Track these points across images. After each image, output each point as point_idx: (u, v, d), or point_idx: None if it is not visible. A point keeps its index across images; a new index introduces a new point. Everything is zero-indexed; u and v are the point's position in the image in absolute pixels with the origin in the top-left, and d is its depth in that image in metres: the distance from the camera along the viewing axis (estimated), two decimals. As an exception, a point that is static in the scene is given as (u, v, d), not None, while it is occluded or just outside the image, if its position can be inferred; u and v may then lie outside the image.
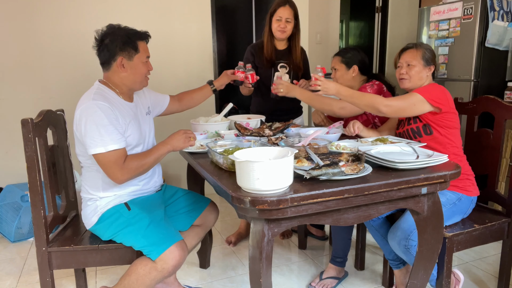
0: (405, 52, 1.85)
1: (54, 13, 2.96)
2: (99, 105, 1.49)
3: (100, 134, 1.46)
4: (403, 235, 1.61)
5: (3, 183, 2.97)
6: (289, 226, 1.25)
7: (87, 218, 1.64)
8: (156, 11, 3.26)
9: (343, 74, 2.16)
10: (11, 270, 2.32)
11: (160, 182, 1.84)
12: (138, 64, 1.61)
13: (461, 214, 1.73)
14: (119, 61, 1.58)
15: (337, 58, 2.18)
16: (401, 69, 1.83)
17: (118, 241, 1.58)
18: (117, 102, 1.60)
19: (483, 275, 2.15)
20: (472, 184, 1.75)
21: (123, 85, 1.63)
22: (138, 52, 1.60)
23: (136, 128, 1.63)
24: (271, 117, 2.38)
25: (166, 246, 1.49)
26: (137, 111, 1.71)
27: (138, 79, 1.63)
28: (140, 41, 1.61)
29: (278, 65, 2.43)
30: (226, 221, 3.00)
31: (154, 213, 1.61)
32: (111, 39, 1.56)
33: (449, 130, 1.72)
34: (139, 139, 1.65)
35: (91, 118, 1.47)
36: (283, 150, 1.26)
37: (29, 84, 2.97)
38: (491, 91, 2.96)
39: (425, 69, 1.80)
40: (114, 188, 1.62)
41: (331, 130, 1.84)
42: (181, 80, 3.43)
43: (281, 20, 2.30)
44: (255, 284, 1.26)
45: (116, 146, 1.48)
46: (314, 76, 1.86)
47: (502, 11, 2.93)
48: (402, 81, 1.84)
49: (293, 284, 2.13)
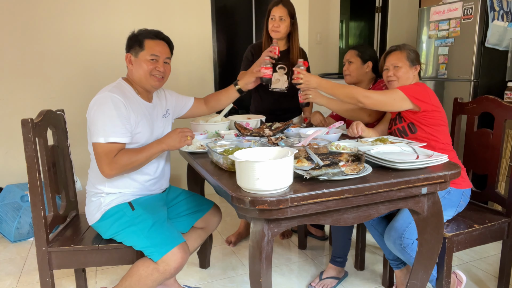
0: (390, 54, 1.89)
1: (54, 13, 2.96)
2: (113, 98, 1.52)
3: (104, 124, 1.48)
4: (397, 234, 1.62)
5: (3, 183, 2.97)
6: (289, 226, 1.24)
7: (90, 214, 1.64)
8: (156, 11, 3.26)
9: (358, 67, 2.17)
10: (11, 270, 2.32)
11: (166, 185, 1.84)
12: (141, 61, 1.63)
13: (453, 207, 1.73)
14: (127, 57, 1.65)
15: (354, 52, 2.19)
16: (389, 71, 1.87)
17: (118, 240, 1.58)
18: (133, 99, 1.63)
19: (483, 275, 2.16)
20: (461, 177, 1.75)
21: (134, 82, 1.67)
22: (143, 50, 1.63)
23: (147, 127, 1.64)
24: (271, 117, 2.38)
25: (169, 247, 1.49)
26: (153, 112, 1.72)
27: (142, 75, 1.64)
28: (148, 39, 1.63)
29: (277, 66, 2.43)
30: (226, 221, 3.00)
31: (158, 214, 1.61)
32: (127, 39, 1.67)
33: (434, 128, 1.74)
34: (149, 139, 1.65)
35: (101, 108, 1.50)
36: (283, 150, 1.26)
37: (29, 84, 2.97)
38: (491, 91, 2.96)
39: (411, 69, 1.84)
40: (119, 183, 1.62)
41: (331, 130, 1.84)
42: (181, 80, 3.43)
43: (274, 19, 2.30)
44: (255, 284, 1.26)
45: (116, 139, 1.49)
46: (296, 70, 1.89)
47: (502, 11, 2.93)
48: (391, 83, 1.87)
49: (293, 284, 2.13)
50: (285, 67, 2.43)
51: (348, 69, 2.20)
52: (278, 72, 2.44)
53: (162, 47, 1.67)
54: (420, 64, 1.89)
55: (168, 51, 1.70)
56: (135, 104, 1.61)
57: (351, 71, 2.18)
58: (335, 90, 1.83)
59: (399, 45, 1.90)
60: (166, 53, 1.68)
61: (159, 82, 1.67)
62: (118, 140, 1.50)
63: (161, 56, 1.65)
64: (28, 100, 2.97)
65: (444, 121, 1.78)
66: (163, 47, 1.67)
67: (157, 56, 1.64)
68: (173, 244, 1.51)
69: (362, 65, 2.17)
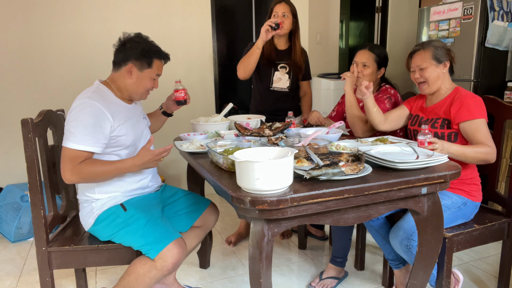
0: (414, 55, 1.81)
1: (54, 13, 2.96)
2: (92, 105, 1.51)
3: (77, 130, 1.47)
4: (405, 235, 1.61)
5: (3, 183, 2.97)
6: (289, 226, 1.24)
7: (84, 219, 1.65)
8: (156, 11, 3.26)
9: (373, 73, 2.08)
10: (11, 270, 2.32)
11: (158, 183, 1.84)
12: (145, 78, 1.64)
13: (464, 219, 1.72)
14: (129, 67, 1.62)
15: (372, 56, 2.07)
16: (415, 73, 1.80)
17: (117, 242, 1.58)
18: (114, 102, 1.61)
19: (483, 275, 2.15)
20: (478, 190, 1.76)
21: (125, 90, 1.66)
22: (150, 68, 1.64)
23: (131, 129, 1.64)
24: (271, 117, 2.38)
25: (164, 244, 1.49)
26: (135, 113, 1.72)
27: (140, 90, 1.66)
28: (157, 59, 1.65)
29: (278, 65, 2.43)
30: (226, 221, 3.00)
31: (151, 212, 1.61)
32: (132, 45, 1.62)
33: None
34: (135, 140, 1.65)
35: (78, 114, 1.49)
36: (283, 150, 1.26)
37: (29, 84, 2.97)
38: (491, 91, 2.96)
39: (439, 67, 1.76)
40: (108, 188, 1.62)
41: (331, 130, 1.84)
42: (181, 80, 3.42)
43: (277, 16, 2.30)
44: (255, 284, 1.26)
45: (84, 147, 1.47)
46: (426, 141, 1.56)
47: (502, 11, 2.93)
48: (421, 86, 1.81)
49: (293, 284, 2.13)
50: (287, 66, 2.43)
51: (362, 72, 2.08)
52: (280, 71, 2.43)
53: (162, 67, 1.71)
54: (451, 59, 1.77)
55: None
56: (116, 108, 1.59)
57: (365, 75, 2.07)
58: (466, 156, 1.62)
59: (424, 43, 1.80)
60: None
61: (147, 96, 1.72)
62: (87, 148, 1.48)
63: (160, 76, 1.71)
64: (28, 100, 2.97)
65: None
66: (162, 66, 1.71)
67: (158, 76, 1.69)
68: (168, 240, 1.51)
69: (376, 71, 2.09)
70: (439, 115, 1.77)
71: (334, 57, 4.15)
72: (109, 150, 1.58)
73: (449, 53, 1.78)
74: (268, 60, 2.39)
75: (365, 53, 2.09)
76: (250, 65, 2.34)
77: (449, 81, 1.81)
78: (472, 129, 1.65)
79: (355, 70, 2.10)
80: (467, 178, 1.72)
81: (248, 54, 2.33)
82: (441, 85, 1.79)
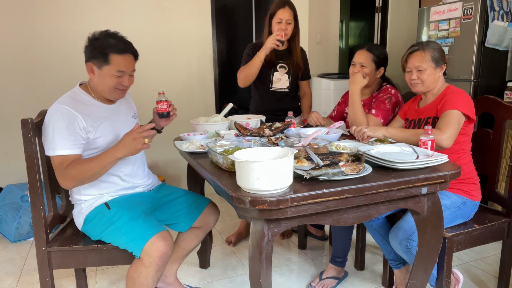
0: (412, 55, 1.78)
1: (54, 13, 2.96)
2: (60, 109, 1.51)
3: (53, 137, 1.48)
4: (405, 235, 1.61)
5: (3, 183, 2.97)
6: (289, 226, 1.25)
7: (76, 220, 1.66)
8: (156, 11, 3.26)
9: (371, 73, 2.05)
10: (11, 270, 2.32)
11: (152, 183, 1.84)
12: (105, 75, 1.56)
13: (464, 218, 1.72)
14: (89, 66, 1.58)
15: (369, 56, 2.04)
16: (412, 74, 1.78)
17: (106, 241, 1.57)
18: (89, 104, 1.61)
19: (483, 275, 2.15)
20: (477, 189, 1.76)
21: (96, 90, 1.64)
22: (108, 64, 1.54)
23: (109, 130, 1.62)
24: (271, 117, 2.38)
25: (146, 238, 1.47)
26: (118, 112, 1.70)
27: (105, 89, 1.60)
28: (115, 54, 1.54)
29: (277, 65, 2.43)
30: (226, 221, 3.00)
31: (133, 210, 1.59)
32: (90, 43, 1.58)
33: (464, 137, 1.72)
34: (114, 141, 1.60)
35: (50, 121, 1.50)
36: (283, 150, 1.26)
37: (29, 84, 2.97)
38: (491, 91, 2.96)
39: (437, 69, 1.76)
40: (92, 189, 1.63)
41: (331, 130, 1.84)
42: (181, 80, 3.43)
43: (281, 23, 2.29)
44: (255, 284, 1.26)
45: (63, 152, 1.48)
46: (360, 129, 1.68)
47: (502, 11, 2.93)
48: (414, 85, 1.79)
49: (293, 284, 2.13)
50: (286, 66, 2.43)
51: (360, 71, 2.05)
52: (279, 71, 2.43)
53: (129, 61, 1.59)
54: (446, 63, 1.77)
55: (133, 64, 1.62)
56: (90, 110, 1.58)
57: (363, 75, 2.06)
58: (408, 139, 1.64)
59: (422, 43, 1.77)
60: (132, 67, 1.61)
61: (122, 94, 1.65)
62: (66, 152, 1.48)
63: (126, 72, 1.59)
64: (28, 100, 2.97)
65: (471, 131, 1.74)
66: (130, 61, 1.59)
67: (123, 72, 1.58)
68: (150, 234, 1.48)
69: (375, 71, 2.07)
70: (431, 114, 1.78)
71: (334, 57, 4.15)
72: (88, 152, 1.57)
73: (445, 56, 1.79)
74: (267, 61, 2.39)
75: (363, 53, 2.07)
76: (252, 76, 2.35)
77: (442, 82, 1.82)
78: (441, 117, 1.66)
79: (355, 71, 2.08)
80: (465, 178, 1.73)
81: (249, 65, 2.32)
82: (434, 86, 1.80)
